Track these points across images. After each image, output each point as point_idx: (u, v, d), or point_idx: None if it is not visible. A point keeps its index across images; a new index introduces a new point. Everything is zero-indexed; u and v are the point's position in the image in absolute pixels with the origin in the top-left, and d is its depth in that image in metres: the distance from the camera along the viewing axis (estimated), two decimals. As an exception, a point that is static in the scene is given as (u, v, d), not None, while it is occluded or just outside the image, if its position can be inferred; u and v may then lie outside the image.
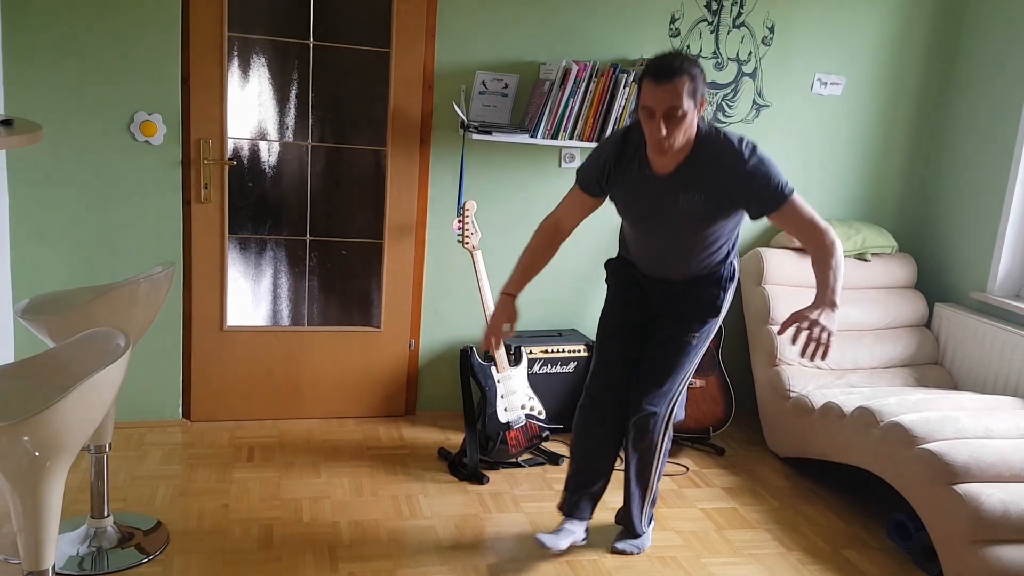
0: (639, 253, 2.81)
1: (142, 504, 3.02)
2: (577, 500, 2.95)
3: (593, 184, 2.71)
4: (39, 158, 3.31)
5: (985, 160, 4.03)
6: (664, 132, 2.40)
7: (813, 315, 2.45)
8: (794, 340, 2.47)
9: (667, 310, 2.80)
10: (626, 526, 3.01)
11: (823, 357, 2.45)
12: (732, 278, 2.79)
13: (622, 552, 2.95)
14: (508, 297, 2.79)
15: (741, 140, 2.52)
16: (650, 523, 3.03)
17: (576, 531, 2.93)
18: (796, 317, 2.47)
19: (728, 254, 2.77)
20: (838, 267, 2.51)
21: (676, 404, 2.86)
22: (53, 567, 1.97)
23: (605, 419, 2.90)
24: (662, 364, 2.79)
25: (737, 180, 2.49)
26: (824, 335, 2.44)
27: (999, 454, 2.93)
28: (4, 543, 2.68)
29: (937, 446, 2.94)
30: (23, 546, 1.92)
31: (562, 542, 2.86)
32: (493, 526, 3.08)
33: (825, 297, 2.49)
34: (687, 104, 2.38)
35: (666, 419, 2.84)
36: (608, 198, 2.74)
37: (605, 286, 2.96)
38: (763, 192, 2.50)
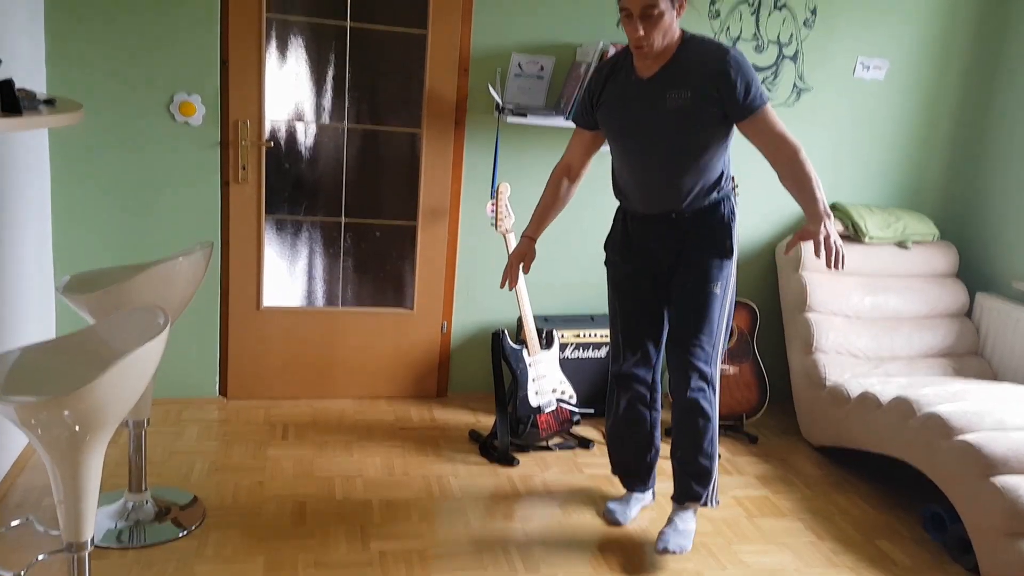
0: (632, 185, 2.75)
1: (179, 479, 3.08)
2: (630, 480, 3.08)
3: (584, 115, 2.80)
4: (80, 137, 3.36)
5: (1032, 147, 3.93)
6: (642, 31, 2.45)
7: (822, 232, 2.44)
8: (817, 253, 2.46)
9: (678, 270, 2.74)
10: (682, 501, 2.89)
11: (843, 265, 2.46)
12: (733, 216, 2.73)
13: (671, 552, 2.79)
14: (527, 239, 2.90)
15: (721, 44, 2.59)
16: (713, 496, 2.91)
17: (643, 497, 3.11)
18: (805, 236, 2.48)
19: (722, 181, 2.69)
20: (815, 178, 2.51)
21: (716, 365, 2.78)
22: (92, 539, 2.01)
23: (633, 400, 2.92)
24: (690, 323, 2.72)
25: (722, 74, 2.50)
26: (838, 245, 2.44)
27: (1040, 447, 2.87)
28: (45, 515, 2.75)
29: (975, 437, 2.90)
30: (63, 518, 1.97)
31: (631, 510, 3.06)
32: (523, 508, 3.10)
33: (818, 211, 2.47)
34: (663, 4, 2.43)
35: (711, 382, 2.76)
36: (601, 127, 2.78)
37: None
38: (745, 91, 2.50)
